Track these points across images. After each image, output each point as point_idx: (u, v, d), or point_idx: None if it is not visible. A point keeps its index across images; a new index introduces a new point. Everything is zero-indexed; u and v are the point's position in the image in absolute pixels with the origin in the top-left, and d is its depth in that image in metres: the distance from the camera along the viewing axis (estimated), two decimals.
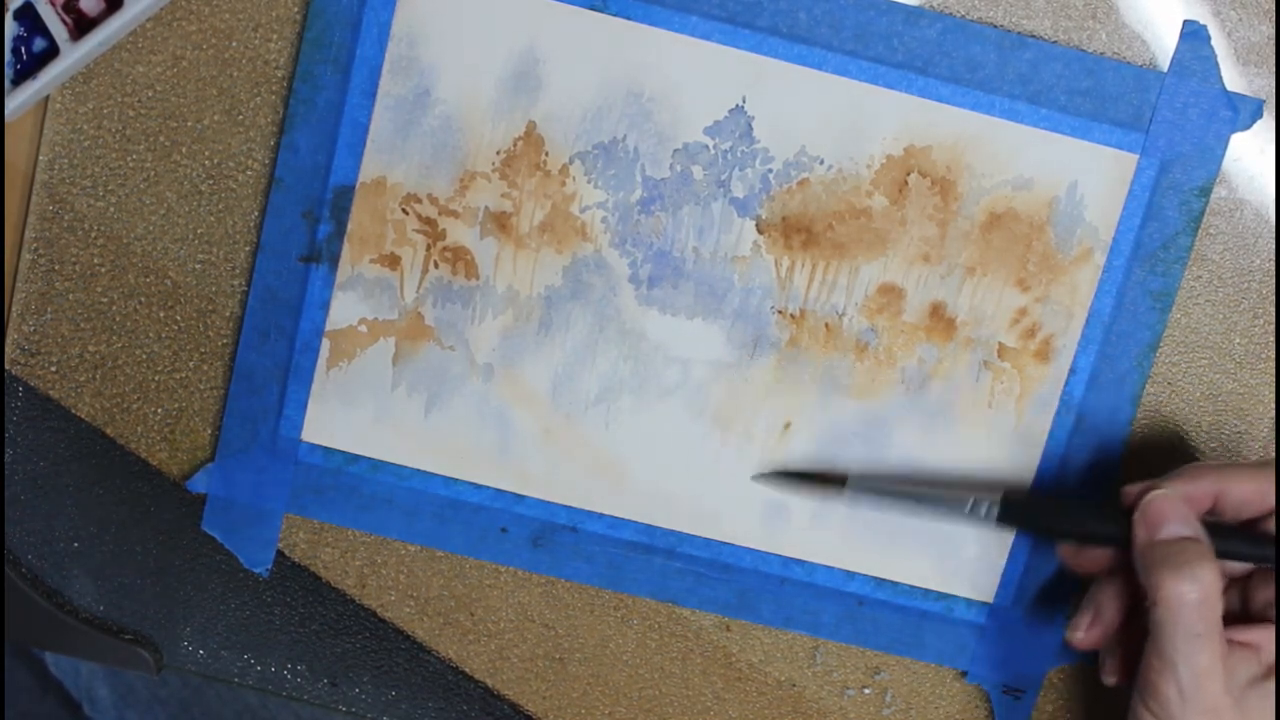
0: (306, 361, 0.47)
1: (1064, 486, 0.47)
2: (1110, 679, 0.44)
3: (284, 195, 0.46)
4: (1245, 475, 0.42)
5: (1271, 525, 0.42)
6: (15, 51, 0.44)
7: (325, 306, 0.46)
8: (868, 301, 0.46)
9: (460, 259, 0.46)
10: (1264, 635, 0.41)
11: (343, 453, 0.47)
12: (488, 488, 0.48)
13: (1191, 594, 0.39)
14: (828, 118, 0.45)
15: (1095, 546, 0.44)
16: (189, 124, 0.46)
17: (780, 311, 0.46)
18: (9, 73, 0.44)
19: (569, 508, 0.48)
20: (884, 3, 0.44)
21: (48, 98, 0.46)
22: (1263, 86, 0.45)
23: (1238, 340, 0.47)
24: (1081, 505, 0.44)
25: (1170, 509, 0.41)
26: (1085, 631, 0.44)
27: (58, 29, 0.44)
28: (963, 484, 0.45)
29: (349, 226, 0.46)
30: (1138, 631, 0.42)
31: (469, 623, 0.49)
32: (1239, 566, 0.43)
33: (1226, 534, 0.42)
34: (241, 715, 0.54)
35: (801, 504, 0.47)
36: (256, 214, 0.46)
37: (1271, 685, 0.40)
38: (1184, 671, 0.39)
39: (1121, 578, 0.44)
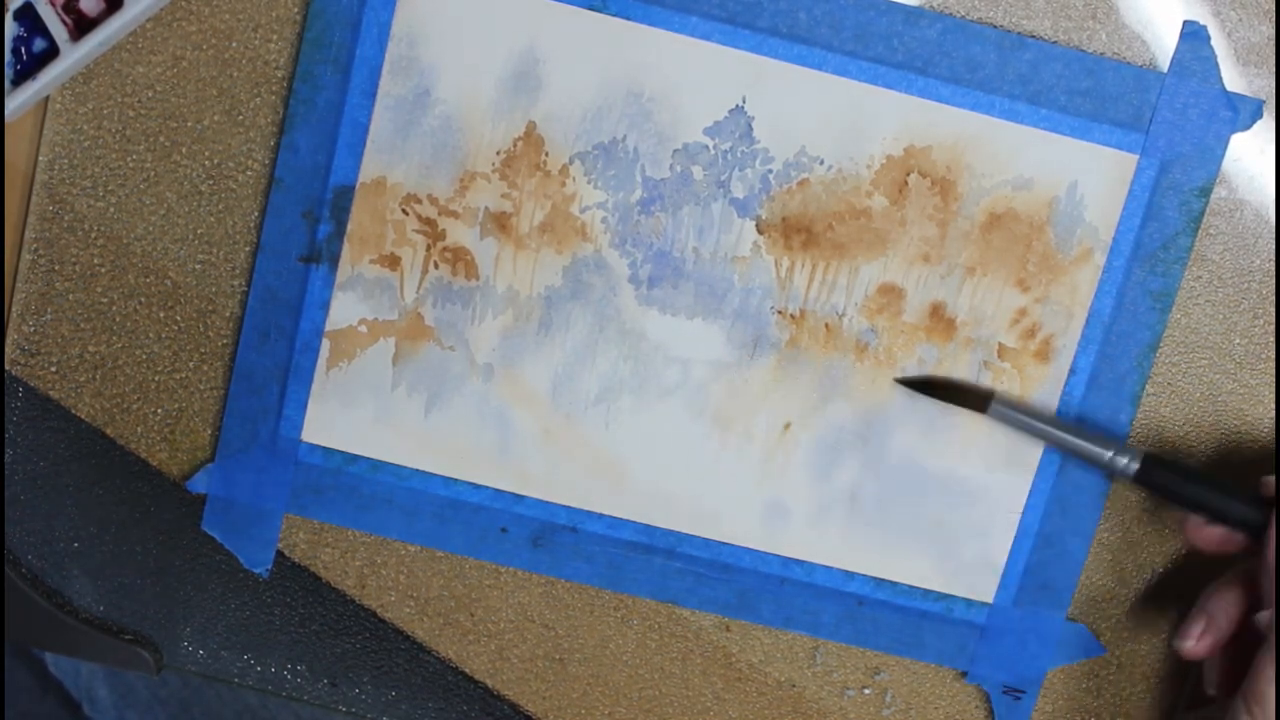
0: (306, 361, 0.47)
1: (1064, 487, 0.47)
2: (1213, 690, 0.44)
3: (284, 195, 0.46)
4: None
5: None
6: (15, 52, 0.44)
7: (325, 306, 0.46)
8: (868, 302, 0.46)
9: (460, 259, 0.46)
10: None
11: (343, 453, 0.47)
12: (488, 488, 0.48)
13: None
14: (828, 118, 0.45)
15: (1224, 526, 0.43)
16: (189, 124, 0.46)
17: (780, 312, 0.46)
18: (9, 73, 0.44)
19: (569, 508, 0.48)
20: (884, 3, 0.44)
21: (48, 98, 0.46)
22: (1263, 86, 0.45)
23: (1238, 340, 0.47)
24: (1221, 484, 0.43)
25: None
26: (1197, 640, 0.43)
27: (58, 29, 0.44)
28: (1103, 440, 0.45)
29: (349, 226, 0.46)
30: (1246, 642, 0.41)
31: (469, 623, 0.49)
32: None
33: None
34: (241, 715, 0.54)
35: (801, 504, 0.47)
36: (256, 214, 0.46)
37: None
38: None
39: (1237, 585, 0.43)
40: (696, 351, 0.47)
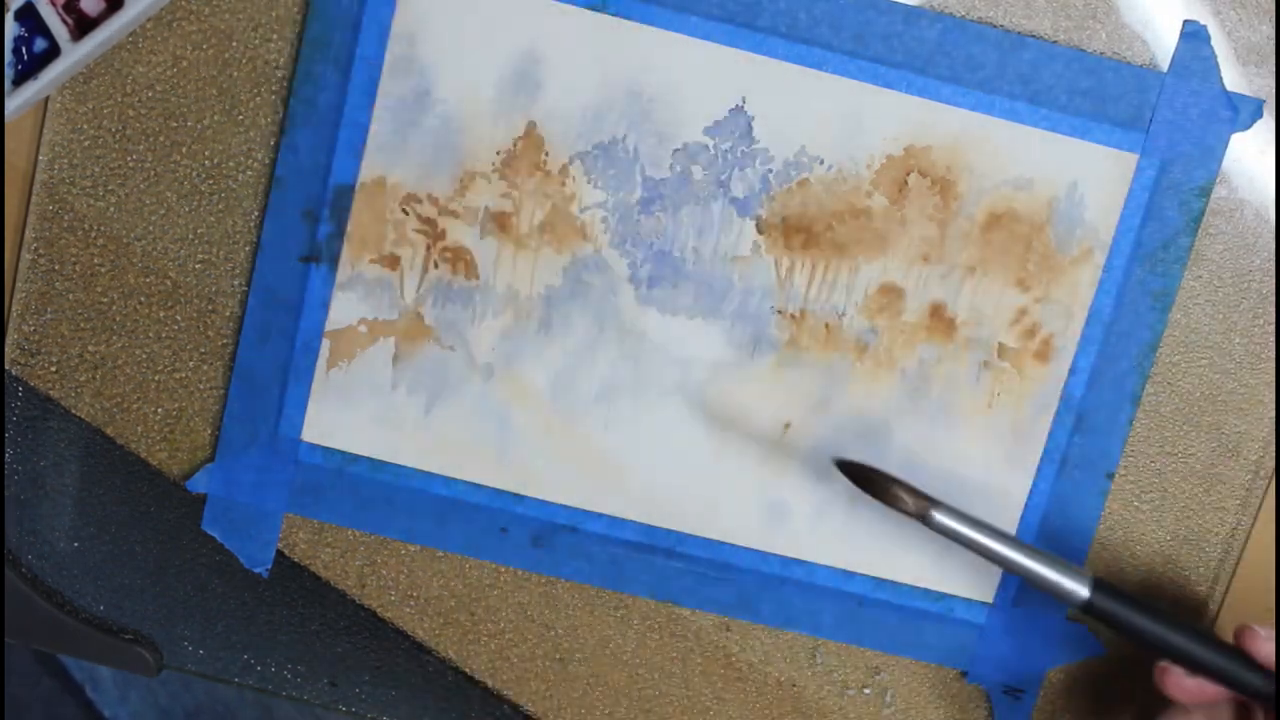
0: (306, 361, 0.47)
1: (1064, 487, 0.47)
2: None
3: (284, 195, 0.46)
4: None
5: None
6: (16, 52, 0.44)
7: (325, 306, 0.46)
8: (868, 301, 0.46)
9: (460, 259, 0.46)
10: None
11: (343, 453, 0.47)
12: (488, 488, 0.48)
13: None
14: (828, 118, 0.45)
15: (1209, 679, 0.41)
16: (189, 124, 0.46)
17: (780, 312, 0.46)
18: (10, 73, 0.44)
19: (569, 508, 0.48)
20: (884, 3, 0.44)
21: (48, 98, 0.46)
22: (1263, 86, 0.45)
23: (1238, 340, 0.47)
24: (1177, 622, 0.41)
25: None
26: None
27: (58, 29, 0.44)
28: (1054, 560, 0.42)
29: (349, 226, 0.46)
30: None
31: (469, 623, 0.49)
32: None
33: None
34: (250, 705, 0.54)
35: (801, 503, 0.47)
36: (256, 214, 0.46)
37: None
38: None
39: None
40: (696, 351, 0.47)
